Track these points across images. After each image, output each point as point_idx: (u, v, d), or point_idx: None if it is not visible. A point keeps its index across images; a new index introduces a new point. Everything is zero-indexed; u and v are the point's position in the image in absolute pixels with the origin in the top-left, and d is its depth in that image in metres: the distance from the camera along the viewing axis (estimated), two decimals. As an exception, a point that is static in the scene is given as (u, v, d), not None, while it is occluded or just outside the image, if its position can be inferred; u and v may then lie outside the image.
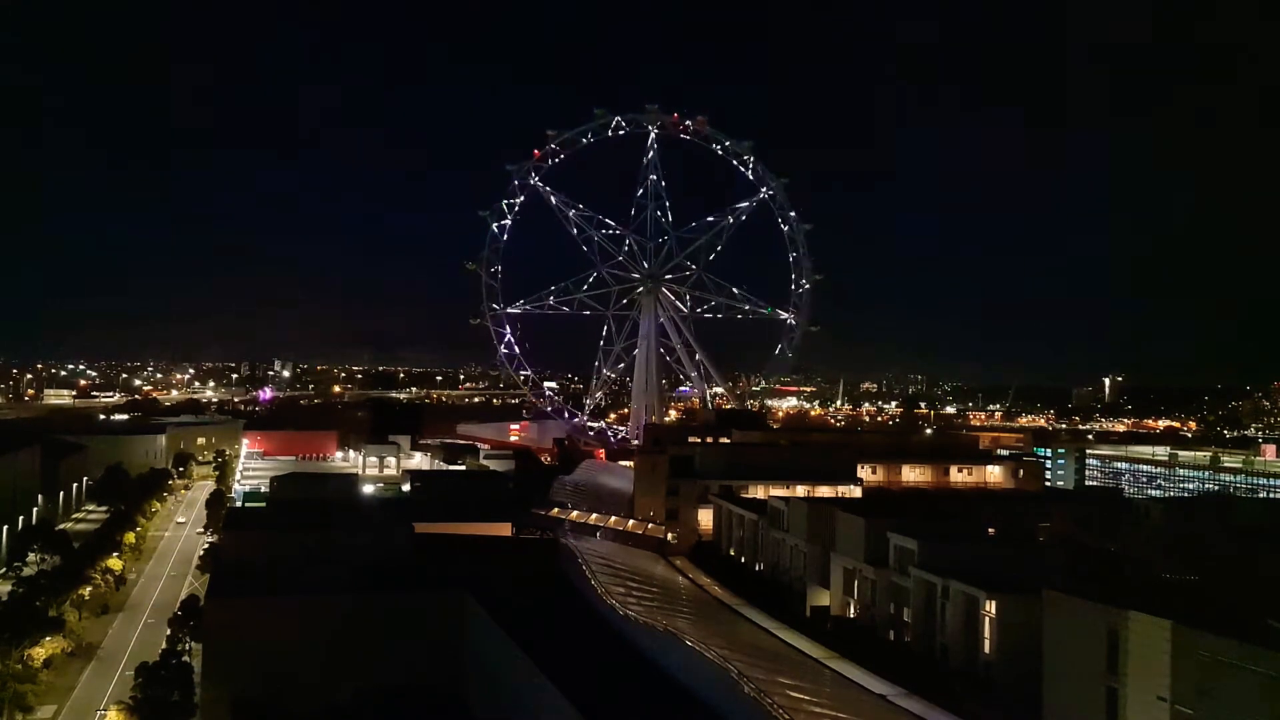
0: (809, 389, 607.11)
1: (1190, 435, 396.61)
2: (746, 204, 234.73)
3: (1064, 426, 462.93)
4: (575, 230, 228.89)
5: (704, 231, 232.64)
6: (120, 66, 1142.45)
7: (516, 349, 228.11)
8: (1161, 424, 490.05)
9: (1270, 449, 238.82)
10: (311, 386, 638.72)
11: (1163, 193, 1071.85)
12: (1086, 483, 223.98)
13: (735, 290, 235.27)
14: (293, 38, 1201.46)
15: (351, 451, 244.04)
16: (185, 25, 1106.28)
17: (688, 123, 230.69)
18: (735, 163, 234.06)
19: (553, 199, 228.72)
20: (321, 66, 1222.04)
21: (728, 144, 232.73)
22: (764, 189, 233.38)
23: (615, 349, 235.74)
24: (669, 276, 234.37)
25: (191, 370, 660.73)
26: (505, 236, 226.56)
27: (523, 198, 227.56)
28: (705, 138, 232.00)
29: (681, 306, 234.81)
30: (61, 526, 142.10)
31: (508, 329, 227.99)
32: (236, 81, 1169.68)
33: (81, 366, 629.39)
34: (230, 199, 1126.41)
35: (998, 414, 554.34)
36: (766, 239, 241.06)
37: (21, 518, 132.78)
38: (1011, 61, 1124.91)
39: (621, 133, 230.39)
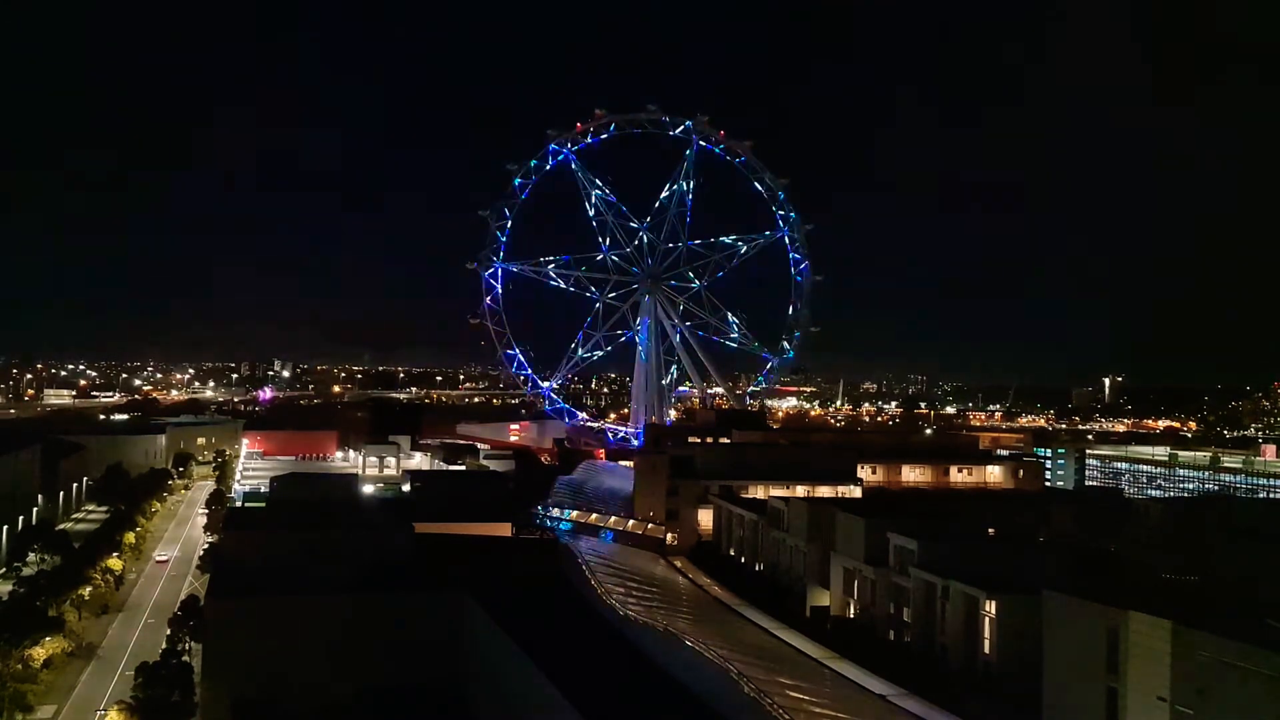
0: (809, 389, 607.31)
1: (1190, 435, 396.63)
2: (764, 239, 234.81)
3: (1064, 427, 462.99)
4: (592, 210, 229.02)
5: (717, 250, 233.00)
6: (120, 65, 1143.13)
7: (500, 307, 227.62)
8: (1161, 424, 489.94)
9: (1270, 449, 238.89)
10: (311, 386, 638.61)
11: (1163, 193, 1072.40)
12: (1086, 483, 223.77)
13: (730, 316, 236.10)
14: (293, 35, 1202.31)
15: (351, 451, 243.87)
16: (185, 25, 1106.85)
17: (733, 143, 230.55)
18: (766, 195, 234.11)
19: (580, 174, 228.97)
20: (323, 66, 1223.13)
21: (765, 176, 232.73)
22: (786, 229, 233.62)
23: (597, 335, 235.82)
24: (671, 283, 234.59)
25: (191, 370, 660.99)
26: (524, 195, 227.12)
27: (552, 164, 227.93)
28: (744, 162, 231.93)
29: (674, 315, 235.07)
30: (61, 526, 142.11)
31: (499, 286, 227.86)
32: (237, 81, 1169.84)
33: (81, 366, 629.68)
34: (230, 199, 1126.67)
35: (998, 414, 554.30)
36: (774, 267, 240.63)
37: (21, 518, 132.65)
38: (1012, 62, 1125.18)
39: (667, 133, 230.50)
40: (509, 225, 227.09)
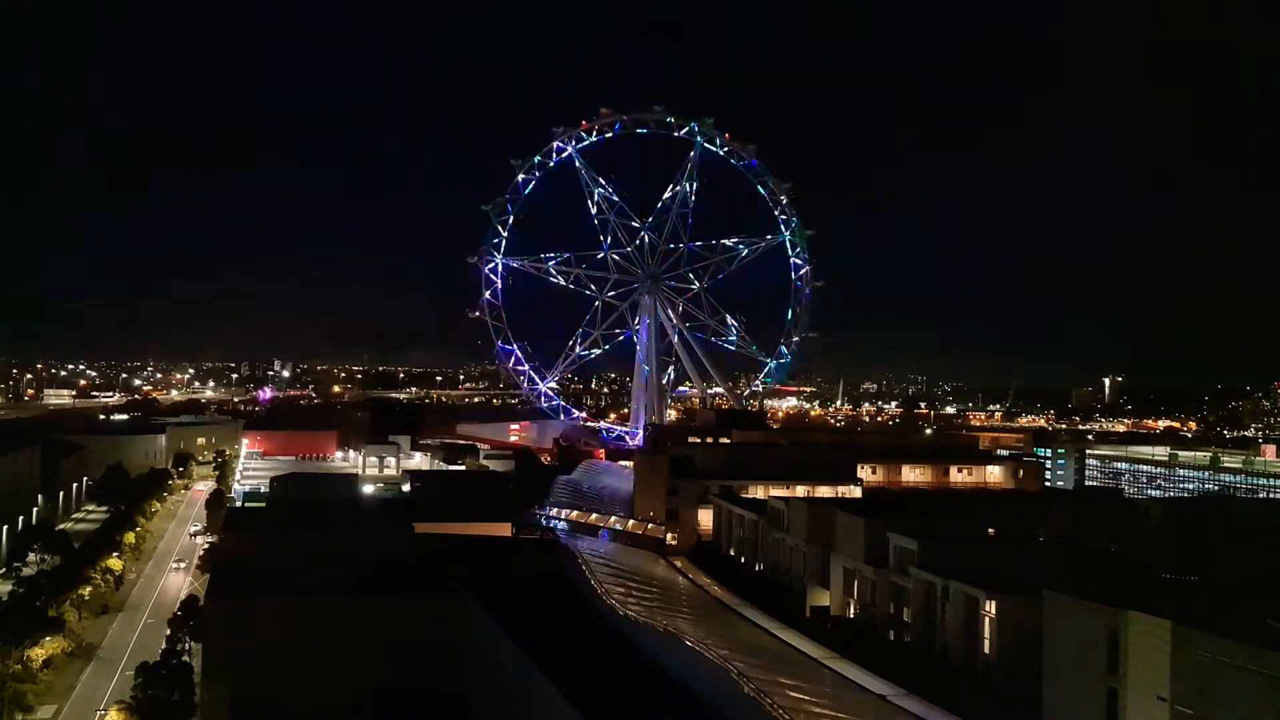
0: (809, 389, 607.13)
1: (1190, 435, 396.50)
2: (767, 243, 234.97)
3: (1064, 426, 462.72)
4: (594, 209, 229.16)
5: (718, 252, 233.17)
6: (121, 66, 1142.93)
7: (499, 301, 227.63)
8: (1161, 424, 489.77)
9: (1270, 449, 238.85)
10: (311, 386, 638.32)
11: (1163, 192, 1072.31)
12: (1086, 483, 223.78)
13: (729, 319, 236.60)
14: (294, 37, 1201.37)
15: (351, 451, 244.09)
16: (183, 21, 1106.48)
17: (737, 146, 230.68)
18: (769, 199, 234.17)
19: (583, 171, 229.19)
20: (324, 64, 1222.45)
21: (769, 180, 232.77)
22: (787, 234, 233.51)
23: (595, 334, 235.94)
24: (671, 284, 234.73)
25: (191, 370, 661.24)
26: (527, 191, 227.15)
27: (556, 161, 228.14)
28: (748, 166, 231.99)
29: (673, 315, 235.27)
30: (61, 526, 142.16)
31: (499, 280, 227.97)
32: (237, 81, 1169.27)
33: (81, 366, 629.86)
34: (230, 199, 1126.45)
35: (998, 414, 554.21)
36: (775, 271, 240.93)
37: (21, 518, 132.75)
38: (1012, 59, 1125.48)
39: (673, 134, 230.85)
40: (511, 220, 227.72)
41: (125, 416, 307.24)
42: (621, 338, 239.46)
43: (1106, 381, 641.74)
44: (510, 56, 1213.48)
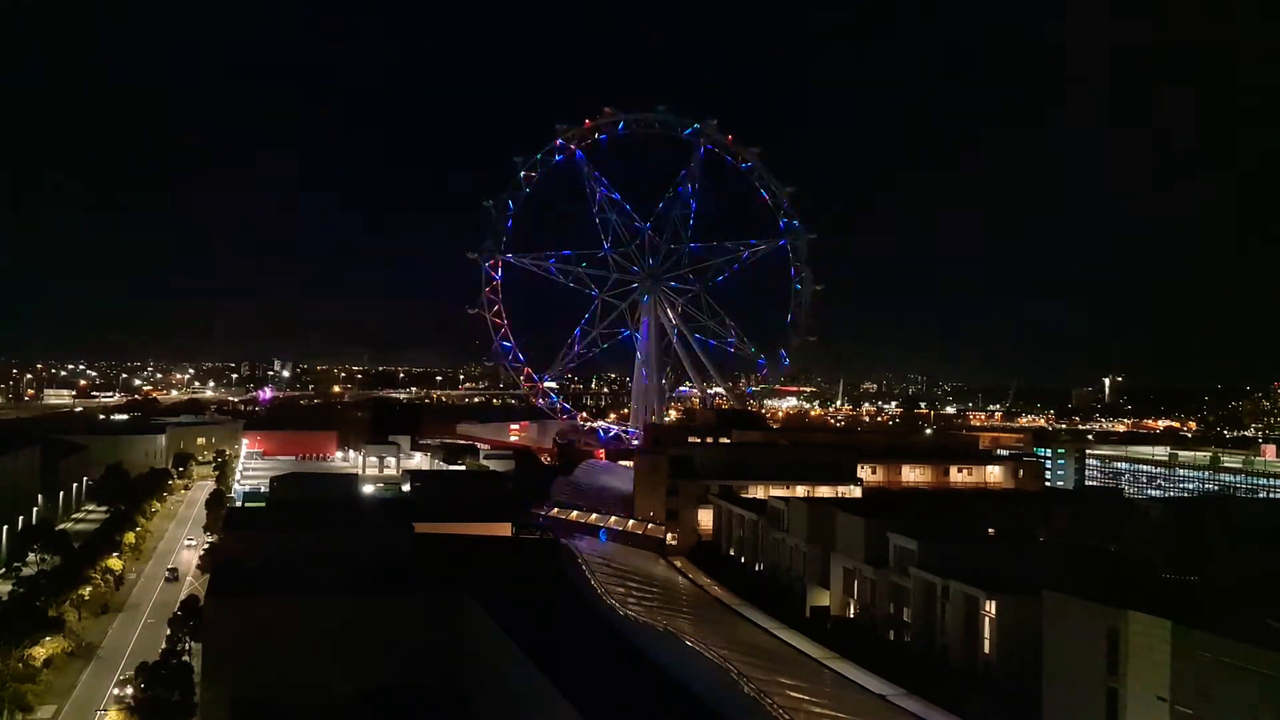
0: (809, 389, 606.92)
1: (1190, 435, 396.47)
2: (767, 245, 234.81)
3: (1064, 426, 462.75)
4: (596, 208, 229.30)
5: (719, 254, 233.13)
6: (120, 63, 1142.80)
7: (499, 298, 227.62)
8: (1161, 424, 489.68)
9: (1270, 449, 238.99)
10: (311, 386, 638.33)
11: (1162, 191, 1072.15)
12: (1086, 483, 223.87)
13: (728, 321, 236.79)
14: (294, 37, 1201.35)
15: (351, 451, 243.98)
16: (185, 25, 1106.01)
17: (740, 148, 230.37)
18: (771, 202, 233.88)
19: (585, 170, 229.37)
20: (325, 62, 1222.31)
21: (771, 183, 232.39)
22: (788, 237, 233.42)
23: (594, 333, 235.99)
24: (671, 284, 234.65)
25: (191, 370, 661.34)
26: (529, 188, 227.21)
27: (559, 160, 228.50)
28: (751, 169, 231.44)
29: (673, 315, 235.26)
30: (61, 526, 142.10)
31: (499, 277, 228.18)
32: (238, 79, 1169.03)
33: (81, 366, 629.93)
34: (230, 198, 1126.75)
35: (998, 414, 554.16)
36: (775, 273, 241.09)
37: (21, 518, 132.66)
38: (1012, 58, 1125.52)
39: (676, 135, 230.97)
40: (512, 218, 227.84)
41: (125, 416, 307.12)
42: (621, 337, 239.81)
43: (1106, 381, 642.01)
44: (510, 56, 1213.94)
